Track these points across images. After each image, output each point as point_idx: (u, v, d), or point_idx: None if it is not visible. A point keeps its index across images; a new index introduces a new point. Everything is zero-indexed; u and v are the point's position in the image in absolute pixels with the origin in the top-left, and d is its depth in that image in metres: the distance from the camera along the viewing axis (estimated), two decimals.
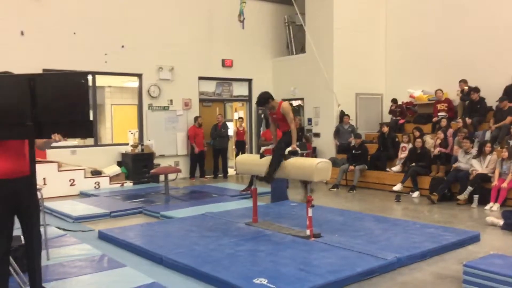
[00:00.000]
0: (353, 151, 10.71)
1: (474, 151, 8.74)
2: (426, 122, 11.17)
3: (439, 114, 10.70)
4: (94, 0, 11.02)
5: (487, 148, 8.47)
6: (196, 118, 12.22)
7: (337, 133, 12.01)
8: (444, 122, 10.05)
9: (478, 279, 4.10)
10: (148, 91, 11.91)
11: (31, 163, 3.34)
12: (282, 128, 6.44)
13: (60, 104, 3.25)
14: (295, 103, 13.84)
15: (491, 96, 10.07)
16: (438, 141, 9.64)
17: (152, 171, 10.21)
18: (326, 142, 12.36)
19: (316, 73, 12.40)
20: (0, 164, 3.48)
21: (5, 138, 3.42)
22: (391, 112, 12.24)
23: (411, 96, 12.11)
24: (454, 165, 8.87)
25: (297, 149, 6.23)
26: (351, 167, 10.41)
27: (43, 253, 4.56)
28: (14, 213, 3.59)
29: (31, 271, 3.54)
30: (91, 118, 11.42)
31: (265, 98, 6.36)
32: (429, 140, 10.02)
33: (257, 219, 6.63)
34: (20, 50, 9.91)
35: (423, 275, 4.68)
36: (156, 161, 11.58)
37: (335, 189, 10.26)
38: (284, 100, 13.43)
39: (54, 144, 3.66)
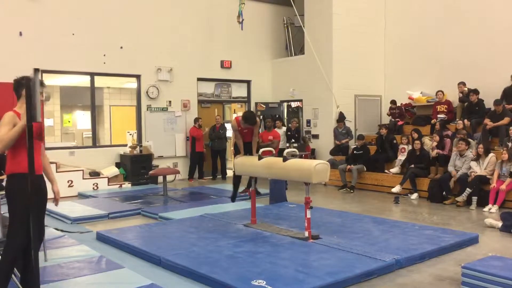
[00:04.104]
0: (355, 151, 10.71)
1: (469, 153, 8.74)
2: (425, 123, 11.16)
3: (438, 115, 10.69)
4: (92, 1, 11.01)
5: (480, 149, 8.48)
6: (196, 120, 12.21)
7: (334, 134, 12.01)
8: (437, 126, 10.04)
9: (477, 281, 4.11)
10: (147, 92, 11.90)
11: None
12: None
13: None
14: (293, 104, 13.85)
15: (490, 97, 10.05)
16: (435, 143, 9.63)
17: (150, 172, 10.20)
18: (325, 144, 12.33)
19: (315, 75, 12.39)
20: (37, 161, 3.64)
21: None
22: (390, 113, 12.23)
23: (410, 98, 12.11)
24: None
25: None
26: (349, 167, 10.41)
27: (41, 254, 4.55)
28: None
29: (29, 270, 3.54)
30: (89, 119, 11.50)
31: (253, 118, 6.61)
32: (427, 142, 10.02)
33: (256, 221, 6.63)
34: (18, 51, 9.87)
35: (422, 277, 4.67)
36: (154, 162, 11.56)
37: (344, 189, 10.27)
38: (282, 101, 13.73)
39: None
